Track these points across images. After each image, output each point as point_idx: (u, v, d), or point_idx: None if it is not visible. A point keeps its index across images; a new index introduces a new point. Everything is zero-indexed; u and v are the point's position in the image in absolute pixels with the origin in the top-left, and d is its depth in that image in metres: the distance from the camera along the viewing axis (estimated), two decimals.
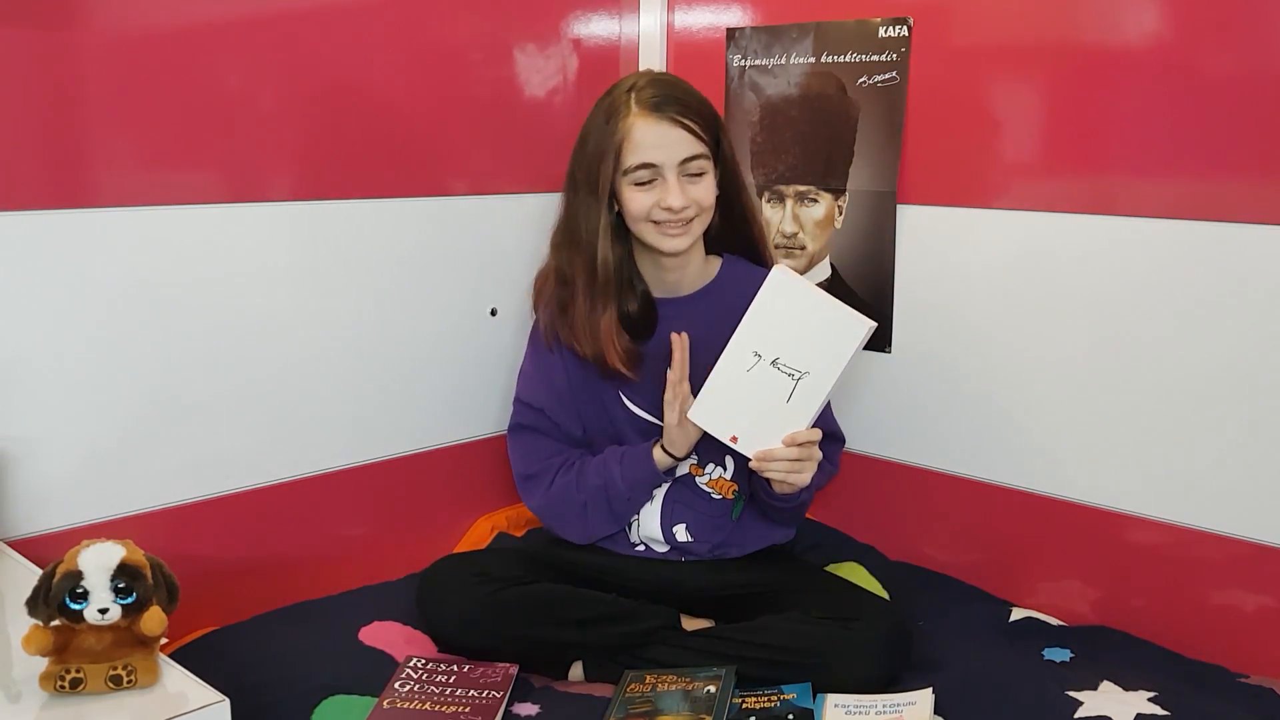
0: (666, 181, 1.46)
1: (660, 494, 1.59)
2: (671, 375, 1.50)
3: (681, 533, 1.58)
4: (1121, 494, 1.54)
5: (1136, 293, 1.49)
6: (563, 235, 1.56)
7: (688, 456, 1.55)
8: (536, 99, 1.84)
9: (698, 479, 1.59)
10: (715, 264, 1.61)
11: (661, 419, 1.54)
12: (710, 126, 1.49)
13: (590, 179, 1.49)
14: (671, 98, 1.46)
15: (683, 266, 1.57)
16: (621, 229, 1.53)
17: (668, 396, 1.51)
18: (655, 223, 1.48)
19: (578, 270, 1.52)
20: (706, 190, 1.49)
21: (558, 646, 1.43)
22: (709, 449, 1.56)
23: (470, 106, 1.75)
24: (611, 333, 1.51)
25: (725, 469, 1.59)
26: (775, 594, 1.50)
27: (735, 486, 1.59)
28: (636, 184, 1.47)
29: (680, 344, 1.50)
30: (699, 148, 1.47)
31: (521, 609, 1.43)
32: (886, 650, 1.39)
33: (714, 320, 1.49)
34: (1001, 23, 1.57)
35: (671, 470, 1.55)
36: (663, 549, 1.59)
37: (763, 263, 1.60)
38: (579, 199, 1.52)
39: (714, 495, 1.59)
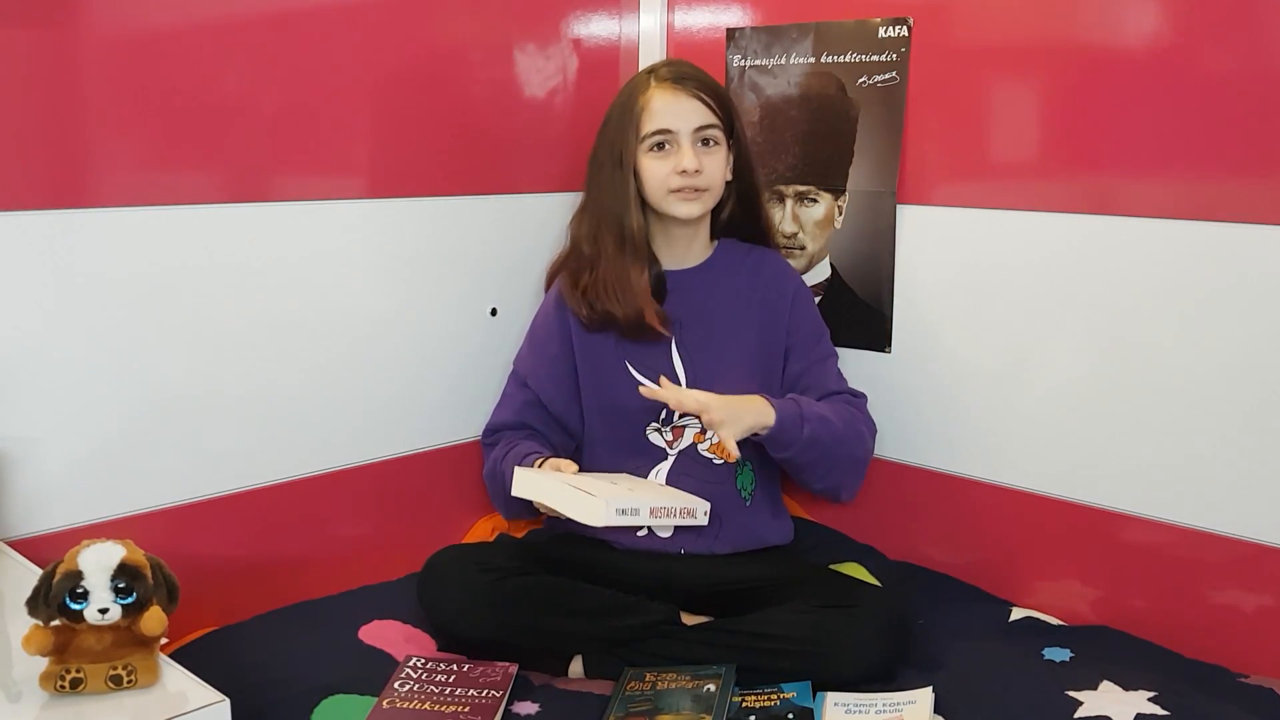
0: (681, 147, 1.55)
1: (665, 468, 1.61)
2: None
3: None
4: (1121, 494, 1.54)
5: (1136, 293, 1.49)
6: (587, 212, 1.65)
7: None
8: (536, 99, 1.84)
9: (699, 445, 1.61)
10: (714, 244, 1.70)
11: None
12: (724, 106, 1.60)
13: (614, 153, 1.59)
14: (687, 74, 1.59)
15: (690, 241, 1.65)
16: (642, 202, 1.61)
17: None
18: (672, 191, 1.56)
19: (605, 238, 1.60)
20: (718, 163, 1.59)
21: (558, 638, 1.44)
22: None
23: (470, 106, 1.75)
24: (648, 290, 1.59)
25: None
26: (773, 589, 1.51)
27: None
28: (653, 150, 1.57)
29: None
30: (712, 119, 1.57)
31: (522, 599, 1.44)
32: (885, 637, 1.40)
33: (711, 290, 1.65)
34: (1001, 23, 1.57)
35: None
36: (667, 531, 1.59)
37: (768, 245, 1.72)
38: (604, 175, 1.61)
39: (715, 461, 1.60)
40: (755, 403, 1.50)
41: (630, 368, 1.62)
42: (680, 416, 1.61)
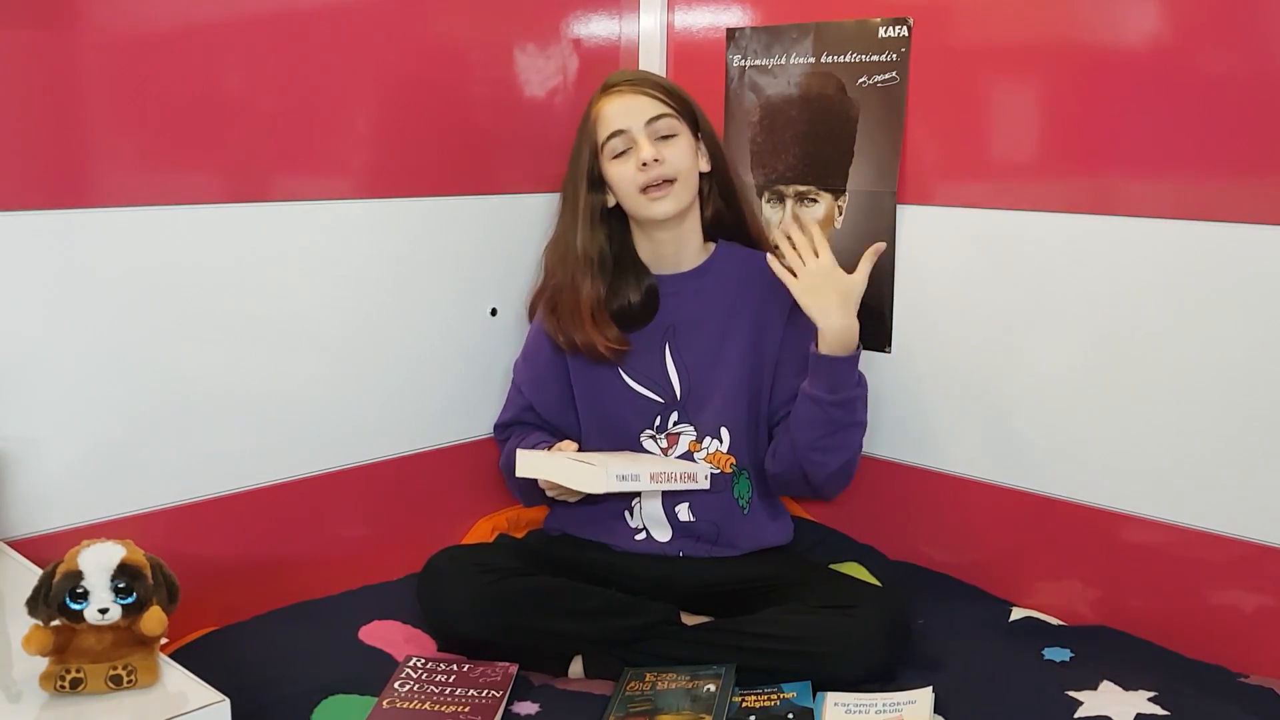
0: (638, 143, 1.55)
1: None
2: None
3: (684, 512, 1.59)
4: (1121, 494, 1.54)
5: (1136, 293, 1.49)
6: (555, 240, 1.66)
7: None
8: (536, 99, 1.84)
9: (695, 454, 1.61)
10: (711, 246, 1.68)
11: (659, 395, 1.61)
12: (677, 97, 1.59)
13: (576, 174, 1.60)
14: (634, 78, 1.60)
15: (678, 242, 1.64)
16: (611, 217, 1.62)
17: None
18: (641, 191, 1.56)
19: (570, 263, 1.61)
20: (680, 151, 1.57)
21: (557, 638, 1.44)
22: (705, 423, 1.61)
23: (470, 106, 1.75)
24: (595, 313, 1.59)
25: (721, 442, 1.61)
26: (774, 589, 1.51)
27: (733, 459, 1.60)
28: (614, 157, 1.57)
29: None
30: (663, 109, 1.57)
31: (521, 599, 1.44)
32: (885, 637, 1.40)
33: (710, 295, 1.62)
34: (1001, 23, 1.57)
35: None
36: (665, 535, 1.59)
37: (755, 245, 1.69)
38: (568, 200, 1.63)
39: (713, 470, 1.60)
40: (854, 323, 1.50)
41: (623, 374, 1.62)
42: (674, 424, 1.61)
